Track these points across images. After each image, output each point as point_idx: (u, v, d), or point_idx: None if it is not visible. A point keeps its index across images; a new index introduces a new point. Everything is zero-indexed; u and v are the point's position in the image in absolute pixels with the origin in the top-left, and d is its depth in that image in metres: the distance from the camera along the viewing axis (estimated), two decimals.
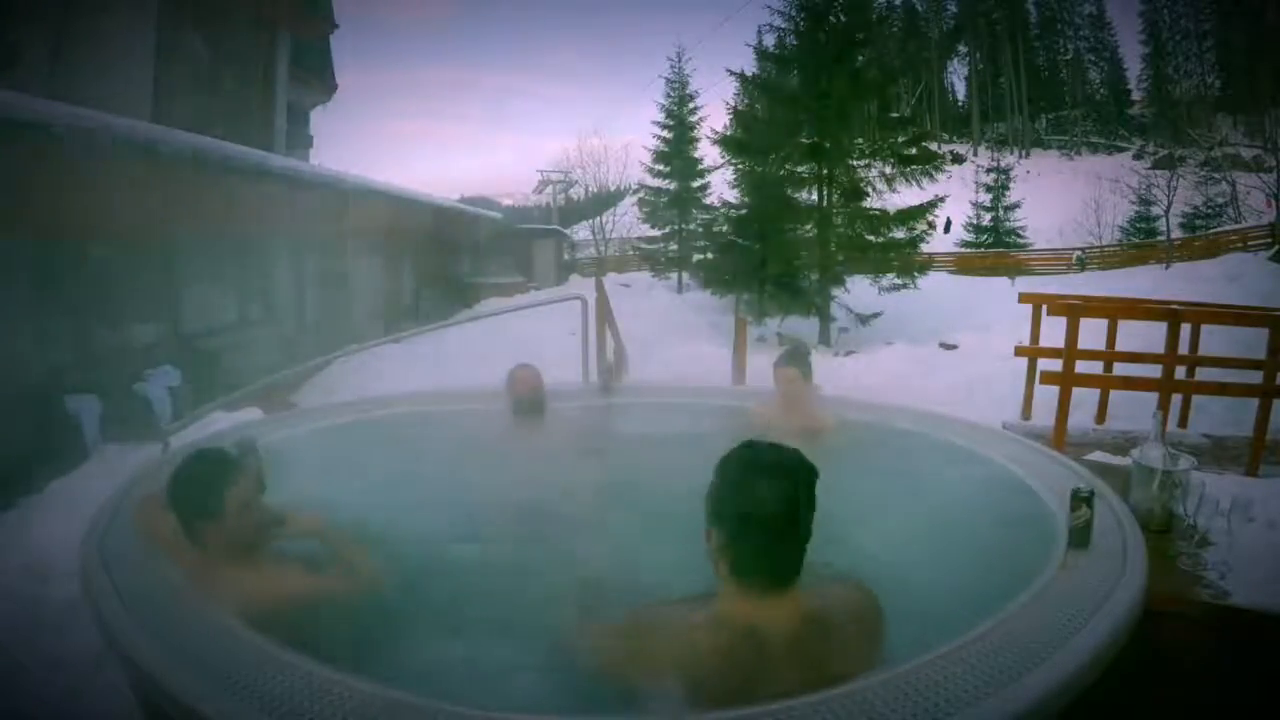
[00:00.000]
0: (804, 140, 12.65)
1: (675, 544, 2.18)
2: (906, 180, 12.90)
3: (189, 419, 3.13)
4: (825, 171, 12.65)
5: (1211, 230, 22.09)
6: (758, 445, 1.34)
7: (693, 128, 20.03)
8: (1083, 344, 4.68)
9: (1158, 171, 26.35)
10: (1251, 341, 4.70)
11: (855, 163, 12.88)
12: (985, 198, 27.24)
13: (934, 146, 15.55)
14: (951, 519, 2.20)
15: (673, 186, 19.64)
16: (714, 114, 20.87)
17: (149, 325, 5.90)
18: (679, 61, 20.48)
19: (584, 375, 4.02)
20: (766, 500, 1.24)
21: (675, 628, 1.31)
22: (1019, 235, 26.62)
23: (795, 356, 3.08)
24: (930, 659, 1.33)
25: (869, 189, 12.94)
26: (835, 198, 12.74)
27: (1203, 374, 4.95)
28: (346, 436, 3.01)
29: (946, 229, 19.20)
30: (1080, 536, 1.79)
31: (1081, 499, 1.80)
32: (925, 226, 12.77)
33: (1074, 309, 4.76)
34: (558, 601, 1.84)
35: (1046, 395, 4.74)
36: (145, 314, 5.89)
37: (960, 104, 48.28)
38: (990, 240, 26.21)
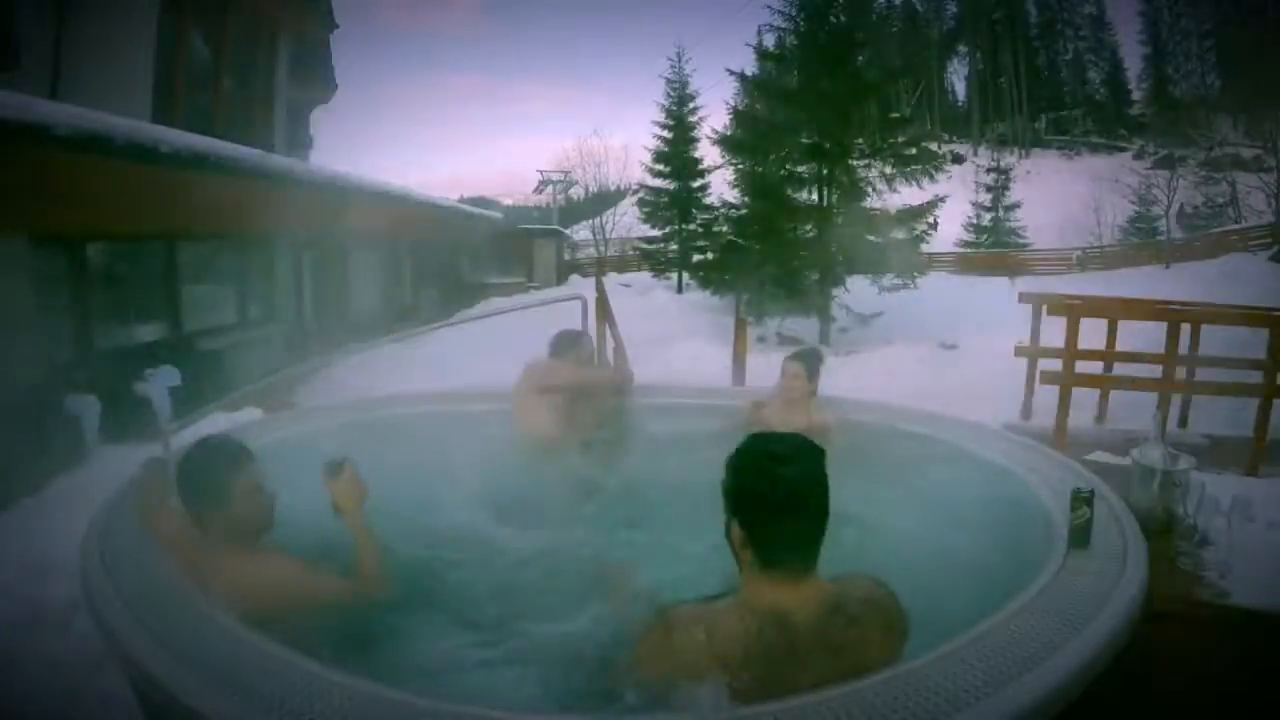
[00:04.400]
0: (804, 140, 12.62)
1: (680, 541, 2.19)
2: (906, 180, 12.87)
3: (189, 419, 3.12)
4: (825, 171, 12.63)
5: (1211, 230, 22.03)
6: (765, 435, 1.39)
7: (693, 128, 20.00)
8: (1083, 344, 4.69)
9: (1158, 171, 26.29)
10: (1251, 341, 4.70)
11: (855, 163, 12.84)
12: (985, 198, 27.21)
13: (934, 146, 15.48)
14: (952, 519, 2.20)
15: (673, 186, 19.60)
16: (714, 114, 20.89)
17: (149, 325, 5.91)
18: (679, 62, 20.47)
19: None
20: (783, 484, 1.27)
21: (704, 619, 1.32)
22: (1019, 235, 26.59)
23: (805, 355, 3.15)
24: (930, 659, 1.33)
25: (869, 189, 12.91)
26: (835, 198, 12.71)
27: (1203, 374, 4.95)
28: (348, 436, 3.00)
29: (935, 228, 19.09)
30: (1080, 536, 1.79)
31: (1081, 499, 1.80)
32: (925, 226, 12.75)
33: (1074, 309, 4.77)
34: (565, 600, 1.84)
35: (1047, 395, 4.74)
36: (145, 314, 5.90)
37: (960, 104, 48.18)
38: (990, 240, 26.17)
